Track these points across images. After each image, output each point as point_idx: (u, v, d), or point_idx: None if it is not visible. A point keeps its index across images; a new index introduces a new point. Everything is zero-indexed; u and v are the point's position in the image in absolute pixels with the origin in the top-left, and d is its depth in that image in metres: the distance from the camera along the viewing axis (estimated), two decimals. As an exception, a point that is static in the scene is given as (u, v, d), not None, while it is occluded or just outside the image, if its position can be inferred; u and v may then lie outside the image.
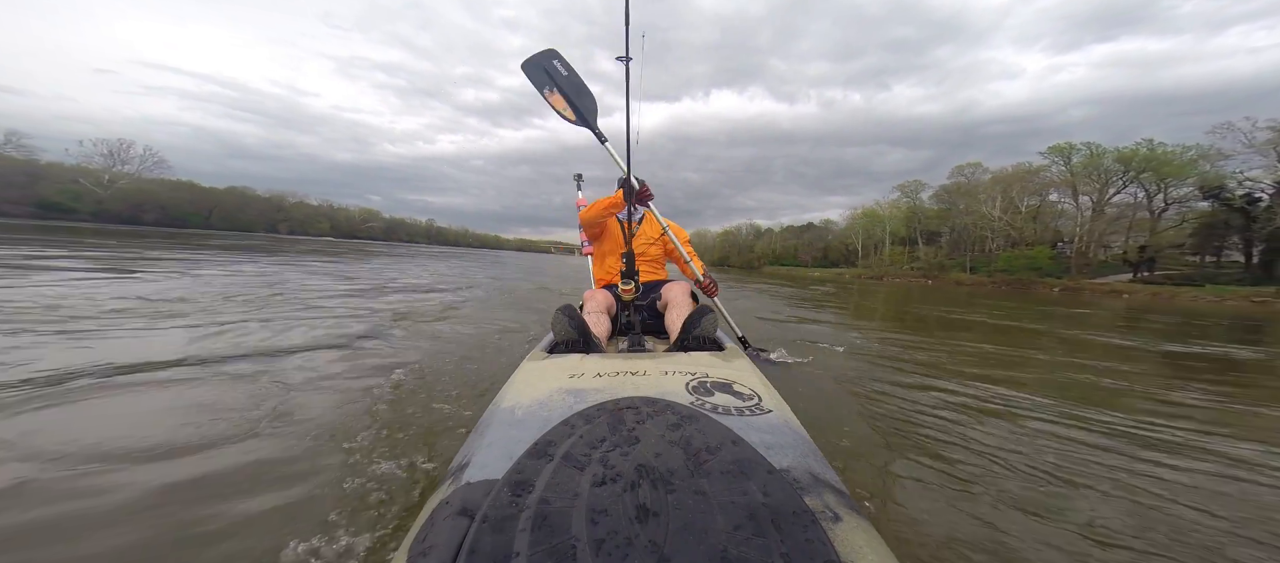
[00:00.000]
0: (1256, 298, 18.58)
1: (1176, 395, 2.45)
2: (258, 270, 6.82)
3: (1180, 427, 1.88)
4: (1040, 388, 2.42)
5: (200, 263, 7.31)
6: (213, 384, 1.76)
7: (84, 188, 47.21)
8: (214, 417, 1.44)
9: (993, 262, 32.56)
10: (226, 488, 1.07)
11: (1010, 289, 24.95)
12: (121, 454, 1.19)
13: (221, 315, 3.15)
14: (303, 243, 23.86)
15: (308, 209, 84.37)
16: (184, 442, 1.27)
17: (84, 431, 1.31)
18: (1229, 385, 2.83)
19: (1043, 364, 3.18)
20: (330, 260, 10.85)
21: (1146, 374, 3.08)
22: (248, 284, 5.00)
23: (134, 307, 3.24)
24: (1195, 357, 3.93)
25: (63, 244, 9.20)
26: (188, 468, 1.15)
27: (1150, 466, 1.45)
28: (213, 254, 9.71)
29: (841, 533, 0.44)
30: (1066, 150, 30.69)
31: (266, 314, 3.33)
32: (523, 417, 0.69)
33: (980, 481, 1.27)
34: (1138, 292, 22.35)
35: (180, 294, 3.92)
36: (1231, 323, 8.25)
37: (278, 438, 1.32)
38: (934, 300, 10.74)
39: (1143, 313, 9.98)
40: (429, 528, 0.46)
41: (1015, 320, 6.35)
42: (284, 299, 4.16)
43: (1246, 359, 3.97)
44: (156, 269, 5.85)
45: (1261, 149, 22.61)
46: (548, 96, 1.86)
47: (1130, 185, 28.64)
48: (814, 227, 59.75)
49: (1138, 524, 1.11)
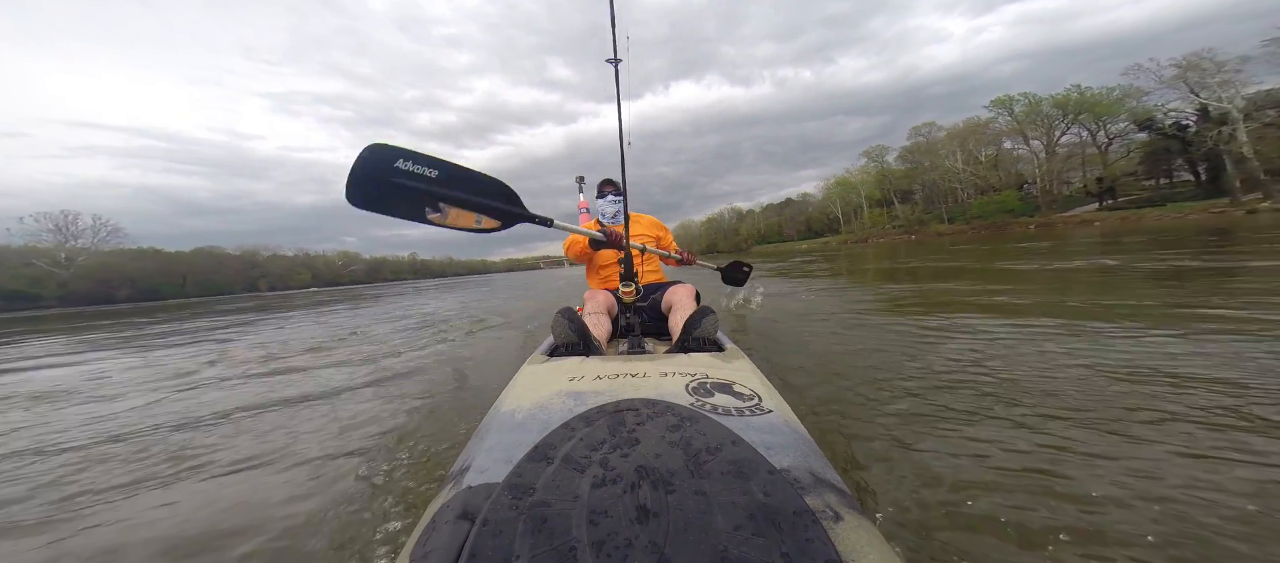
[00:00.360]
0: (1214, 209, 20.33)
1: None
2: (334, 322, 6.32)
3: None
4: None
5: (262, 323, 7.11)
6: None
7: (42, 270, 44.66)
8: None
9: (968, 210, 33.80)
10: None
11: (988, 232, 25.97)
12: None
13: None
14: (298, 297, 22.71)
15: (284, 261, 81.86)
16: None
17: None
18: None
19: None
20: (359, 305, 10.49)
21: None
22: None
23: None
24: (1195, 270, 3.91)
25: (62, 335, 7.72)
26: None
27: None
28: (243, 318, 8.91)
29: (842, 533, 0.44)
30: (1008, 102, 32.13)
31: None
32: (523, 420, 0.69)
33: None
34: (1107, 219, 23.69)
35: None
36: (1199, 233, 8.73)
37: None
38: (920, 253, 11.04)
39: (1116, 237, 10.48)
40: (430, 533, 0.46)
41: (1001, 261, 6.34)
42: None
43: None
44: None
45: (1171, 84, 24.85)
46: (436, 219, 1.26)
47: (1073, 126, 30.23)
48: (793, 201, 60.80)
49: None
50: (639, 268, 1.82)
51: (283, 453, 1.53)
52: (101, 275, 47.93)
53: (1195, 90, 23.79)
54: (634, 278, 1.56)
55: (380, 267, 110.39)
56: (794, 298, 4.59)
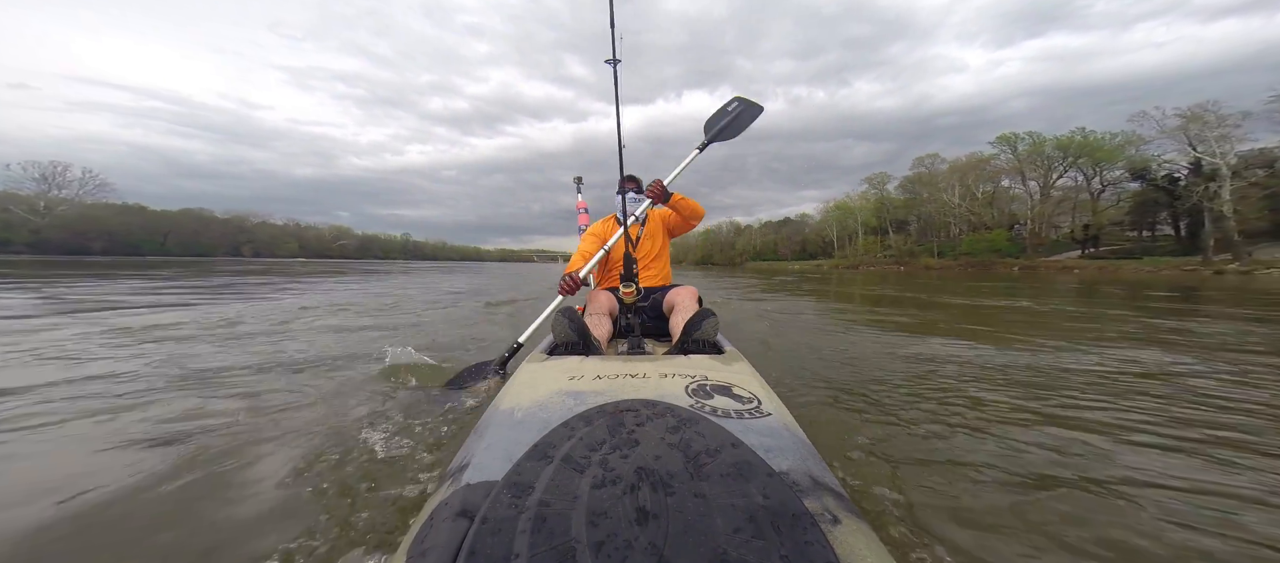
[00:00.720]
0: (1186, 267, 20.84)
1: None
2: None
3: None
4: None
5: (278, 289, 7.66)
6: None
7: (16, 216, 43.18)
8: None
9: (957, 246, 34.37)
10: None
11: (975, 270, 26.45)
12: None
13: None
14: (283, 266, 22.85)
15: (273, 229, 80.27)
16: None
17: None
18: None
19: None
20: (362, 280, 11.12)
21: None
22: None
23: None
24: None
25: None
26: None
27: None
28: (235, 281, 9.23)
29: (840, 536, 0.44)
30: (1012, 140, 32.91)
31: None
32: (522, 419, 0.68)
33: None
34: (1087, 267, 24.26)
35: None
36: (1168, 291, 8.98)
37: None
38: (905, 286, 11.22)
39: (1094, 286, 10.78)
40: (428, 529, 0.45)
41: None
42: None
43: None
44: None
45: (1172, 134, 25.26)
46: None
47: (1070, 170, 30.95)
48: (790, 221, 61.35)
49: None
50: (640, 269, 1.82)
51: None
52: (78, 227, 46.45)
53: (1193, 143, 24.13)
54: (634, 279, 1.57)
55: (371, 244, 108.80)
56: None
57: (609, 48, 1.68)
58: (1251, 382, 2.07)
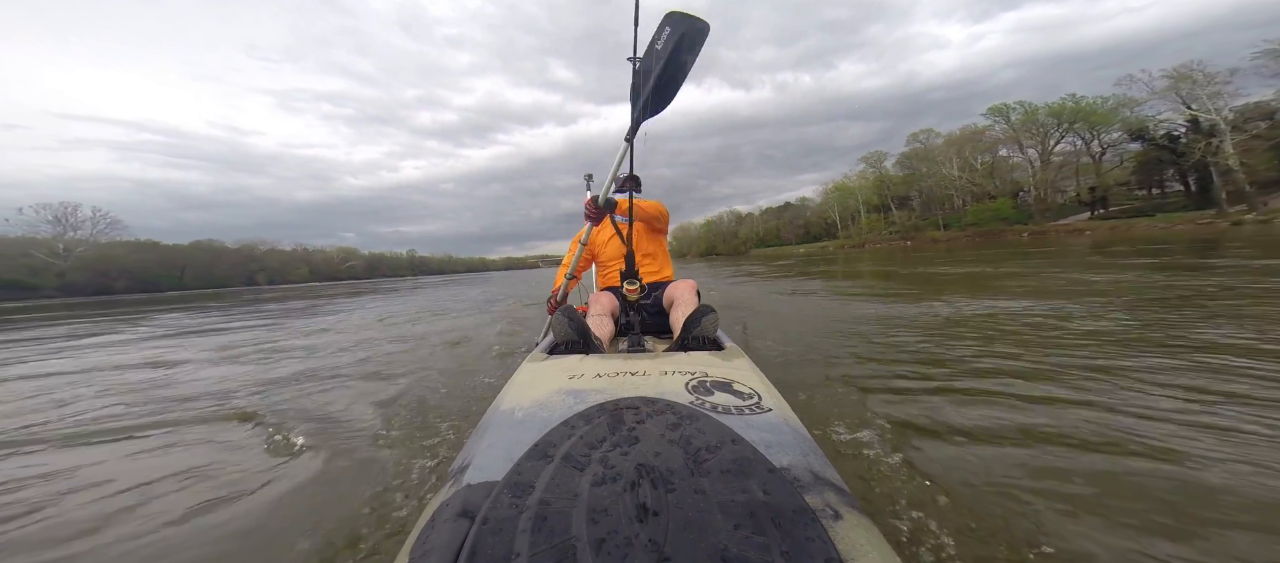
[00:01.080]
0: (1201, 221, 20.61)
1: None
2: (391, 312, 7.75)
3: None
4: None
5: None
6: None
7: (40, 260, 44.36)
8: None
9: (963, 217, 34.20)
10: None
11: (983, 240, 26.35)
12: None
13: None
14: (300, 290, 24.20)
15: (282, 255, 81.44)
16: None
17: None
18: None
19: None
20: (391, 297, 12.00)
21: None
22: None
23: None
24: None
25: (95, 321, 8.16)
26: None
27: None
28: (279, 309, 9.71)
29: (842, 531, 0.44)
30: (1005, 110, 32.40)
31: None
32: (522, 418, 0.68)
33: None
34: (1098, 228, 23.99)
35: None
36: (1188, 244, 8.92)
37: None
38: (914, 260, 11.22)
39: (1106, 245, 10.79)
40: (429, 530, 0.45)
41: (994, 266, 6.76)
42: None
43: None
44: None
45: (1163, 95, 25.10)
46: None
47: (1068, 135, 30.66)
48: (792, 206, 61.11)
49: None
50: (640, 266, 1.81)
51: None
52: (100, 266, 47.62)
53: (1187, 102, 24.04)
54: (636, 275, 1.57)
55: (379, 263, 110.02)
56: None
57: (621, 44, 1.64)
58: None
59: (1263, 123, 22.52)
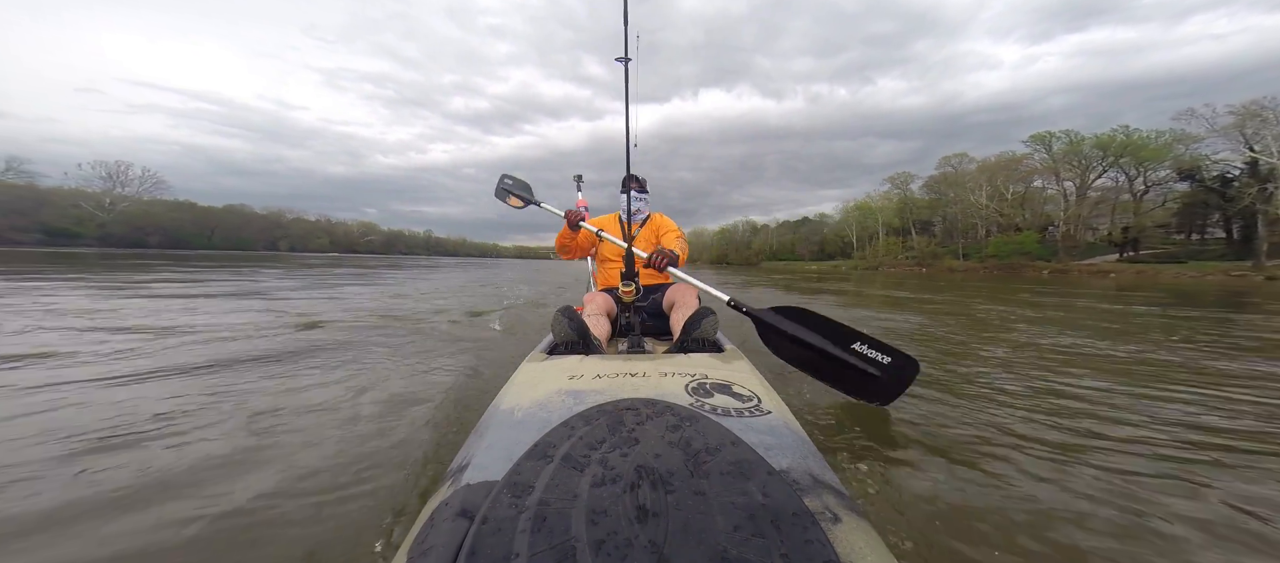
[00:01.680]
0: (1234, 272, 19.60)
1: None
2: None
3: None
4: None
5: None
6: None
7: (86, 212, 46.99)
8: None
9: (984, 248, 33.16)
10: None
11: (1001, 273, 25.43)
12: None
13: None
14: (316, 259, 25.63)
15: (306, 225, 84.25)
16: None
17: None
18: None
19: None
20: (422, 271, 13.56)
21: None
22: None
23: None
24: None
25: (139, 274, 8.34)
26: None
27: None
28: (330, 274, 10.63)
29: (841, 534, 0.44)
30: (1047, 139, 31.19)
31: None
32: (522, 418, 0.69)
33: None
34: (1124, 271, 22.93)
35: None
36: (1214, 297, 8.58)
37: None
38: (920, 288, 11.15)
39: (1131, 290, 10.37)
40: (429, 529, 0.46)
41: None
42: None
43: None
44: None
45: (1225, 133, 23.48)
46: (515, 203, 2.17)
47: (1110, 169, 29.32)
48: (809, 221, 60.18)
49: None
50: (640, 267, 1.80)
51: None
52: (138, 222, 50.19)
53: (1250, 142, 22.46)
54: (634, 277, 1.55)
55: (396, 240, 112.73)
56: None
57: (621, 46, 1.64)
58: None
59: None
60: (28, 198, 42.80)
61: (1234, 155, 23.78)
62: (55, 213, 43.80)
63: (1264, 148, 22.17)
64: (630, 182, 1.88)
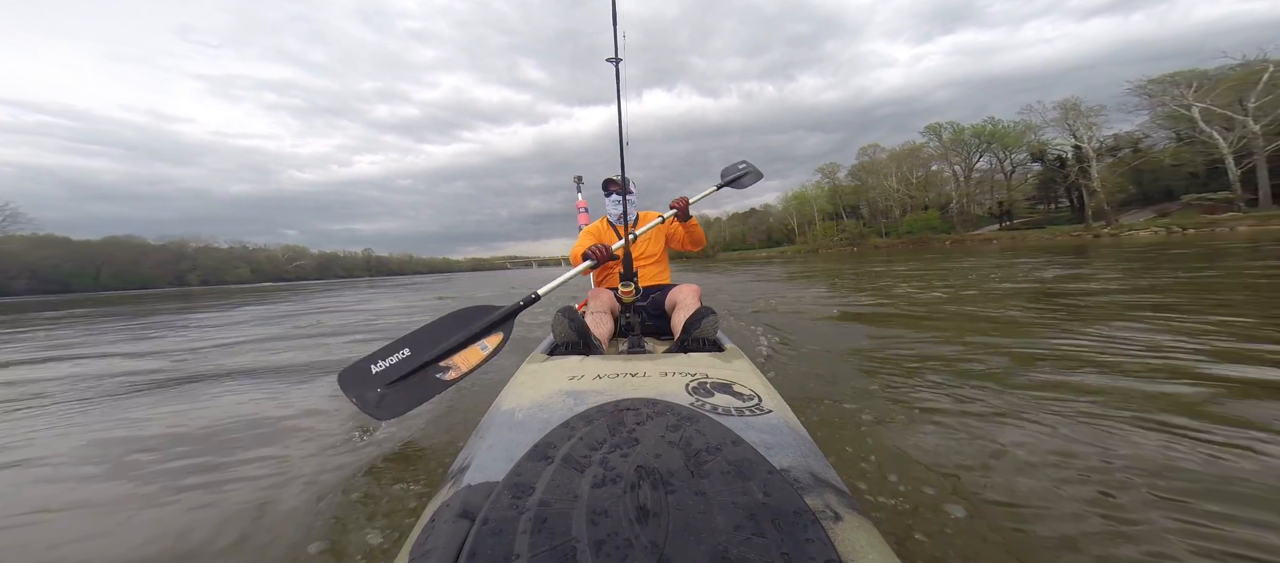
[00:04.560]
0: (1073, 233, 24.59)
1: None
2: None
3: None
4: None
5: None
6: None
7: (-89, 259, 37.56)
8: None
9: (899, 226, 38.42)
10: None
11: (915, 246, 29.84)
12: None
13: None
14: (240, 291, 22.02)
15: (218, 254, 73.66)
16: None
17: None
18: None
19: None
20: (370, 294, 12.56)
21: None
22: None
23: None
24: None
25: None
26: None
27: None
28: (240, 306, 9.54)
29: (842, 533, 0.44)
30: (938, 129, 36.50)
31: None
32: (522, 419, 0.69)
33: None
34: (1003, 238, 28.22)
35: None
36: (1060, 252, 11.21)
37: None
38: (848, 262, 12.86)
39: (1008, 250, 13.16)
40: (429, 531, 0.46)
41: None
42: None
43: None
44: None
45: (1057, 124, 29.99)
46: (454, 376, 1.29)
47: (986, 154, 35.27)
48: (756, 211, 64.23)
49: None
50: (639, 268, 1.78)
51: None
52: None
53: (1073, 130, 28.84)
54: (633, 278, 1.53)
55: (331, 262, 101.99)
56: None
57: (602, 46, 1.60)
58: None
59: (1129, 151, 27.77)
60: None
61: (1065, 140, 30.12)
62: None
63: (1081, 135, 28.29)
64: (621, 183, 1.76)
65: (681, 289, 1.68)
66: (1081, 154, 28.16)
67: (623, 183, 1.70)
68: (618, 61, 1.61)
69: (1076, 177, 28.19)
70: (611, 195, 1.98)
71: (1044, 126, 30.75)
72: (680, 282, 1.79)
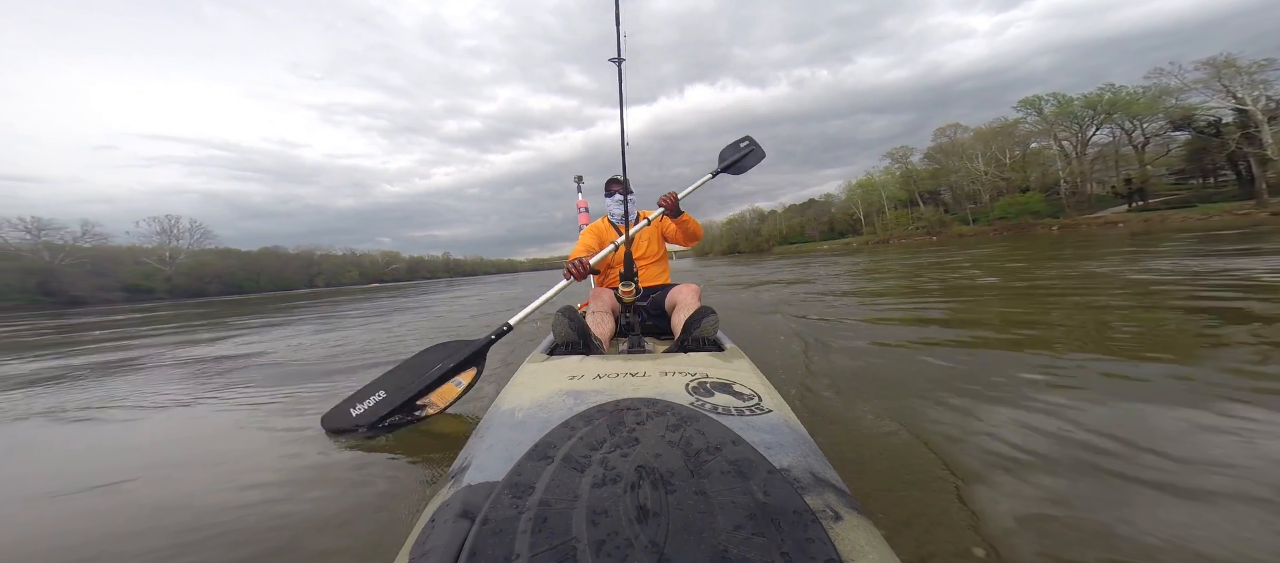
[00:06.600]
0: (1238, 212, 19.45)
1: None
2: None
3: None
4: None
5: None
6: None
7: (151, 267, 50.37)
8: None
9: (991, 211, 33.58)
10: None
11: (1011, 233, 25.59)
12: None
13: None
14: (353, 291, 25.97)
15: (336, 260, 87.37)
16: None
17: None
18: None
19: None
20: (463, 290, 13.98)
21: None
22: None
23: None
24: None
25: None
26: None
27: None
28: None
29: (842, 532, 0.44)
30: (1036, 102, 30.61)
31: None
32: (523, 419, 0.69)
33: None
34: (1132, 220, 22.85)
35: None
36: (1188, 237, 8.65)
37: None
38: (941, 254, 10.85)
39: (1142, 236, 10.47)
40: (430, 531, 0.45)
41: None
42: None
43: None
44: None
45: (1205, 85, 23.50)
46: (432, 411, 1.34)
47: (1106, 125, 28.95)
48: (815, 202, 59.92)
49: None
50: (640, 268, 1.77)
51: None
52: (198, 272, 53.54)
53: (1232, 91, 22.53)
54: (633, 278, 1.52)
55: (418, 265, 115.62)
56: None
57: (613, 47, 1.58)
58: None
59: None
60: (103, 259, 45.77)
61: (1221, 104, 23.68)
62: (131, 271, 46.87)
63: (1242, 97, 22.09)
64: (624, 183, 1.76)
65: (681, 289, 1.66)
66: (1247, 118, 22.02)
67: (624, 183, 1.69)
68: (619, 61, 1.58)
69: (1239, 144, 22.18)
70: (613, 195, 1.95)
71: (1186, 90, 24.43)
72: (680, 282, 1.76)
